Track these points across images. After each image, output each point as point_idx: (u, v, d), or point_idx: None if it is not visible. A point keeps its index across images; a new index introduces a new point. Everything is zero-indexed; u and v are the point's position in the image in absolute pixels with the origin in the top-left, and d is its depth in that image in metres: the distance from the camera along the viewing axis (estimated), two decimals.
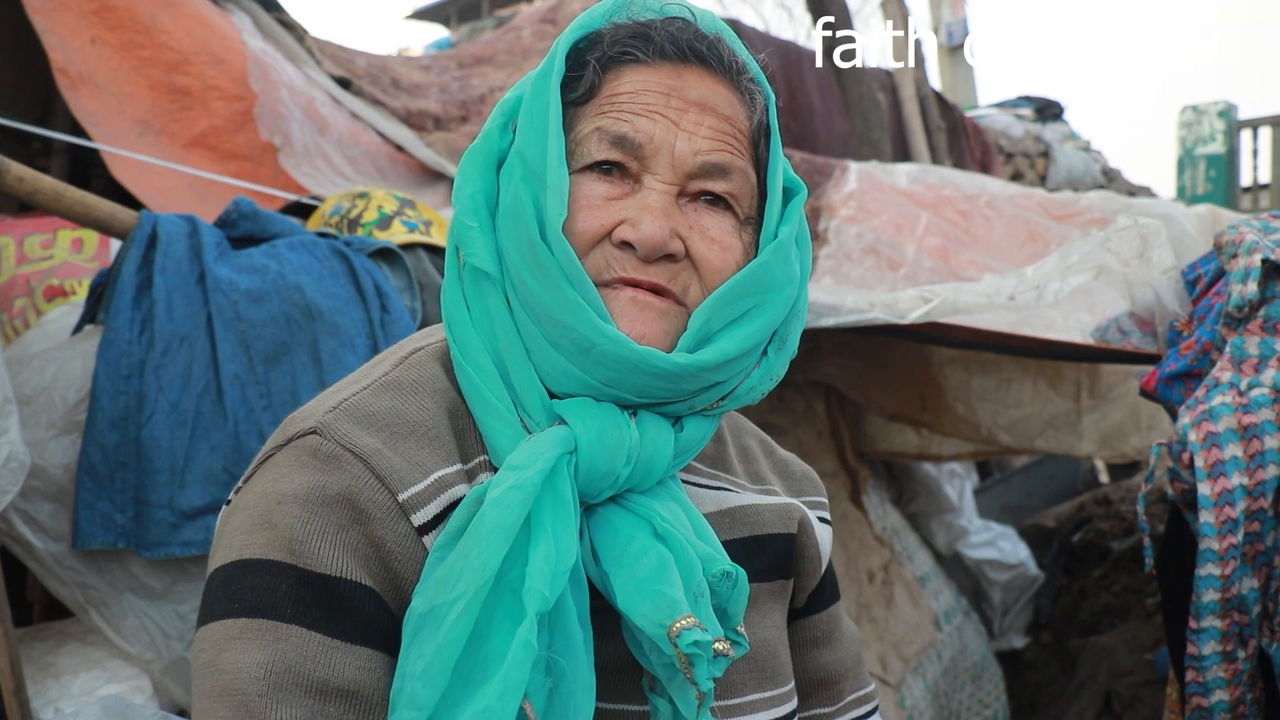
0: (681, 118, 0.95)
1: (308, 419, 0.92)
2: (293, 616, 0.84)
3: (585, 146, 0.95)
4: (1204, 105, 11.36)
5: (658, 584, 0.87)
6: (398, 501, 0.88)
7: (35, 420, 2.10)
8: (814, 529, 1.13)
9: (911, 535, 4.53)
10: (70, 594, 2.10)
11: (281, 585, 0.85)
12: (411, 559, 0.88)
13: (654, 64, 0.96)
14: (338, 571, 0.85)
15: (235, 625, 0.85)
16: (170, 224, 2.24)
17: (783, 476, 1.18)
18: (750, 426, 1.22)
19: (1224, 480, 1.97)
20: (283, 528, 0.86)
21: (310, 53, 4.04)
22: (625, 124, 0.94)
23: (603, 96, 0.96)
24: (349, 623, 0.85)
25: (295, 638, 0.83)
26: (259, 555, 0.86)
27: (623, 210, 0.94)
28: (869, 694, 1.19)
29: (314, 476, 0.87)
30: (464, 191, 0.99)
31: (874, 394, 3.93)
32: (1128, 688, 4.12)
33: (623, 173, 0.95)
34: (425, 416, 0.94)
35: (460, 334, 0.97)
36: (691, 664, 0.84)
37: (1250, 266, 2.07)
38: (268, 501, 0.88)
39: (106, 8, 3.19)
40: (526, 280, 0.92)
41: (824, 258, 3.79)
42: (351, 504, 0.87)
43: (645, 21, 0.99)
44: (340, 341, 2.20)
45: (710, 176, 0.96)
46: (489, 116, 1.02)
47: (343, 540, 0.86)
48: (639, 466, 0.94)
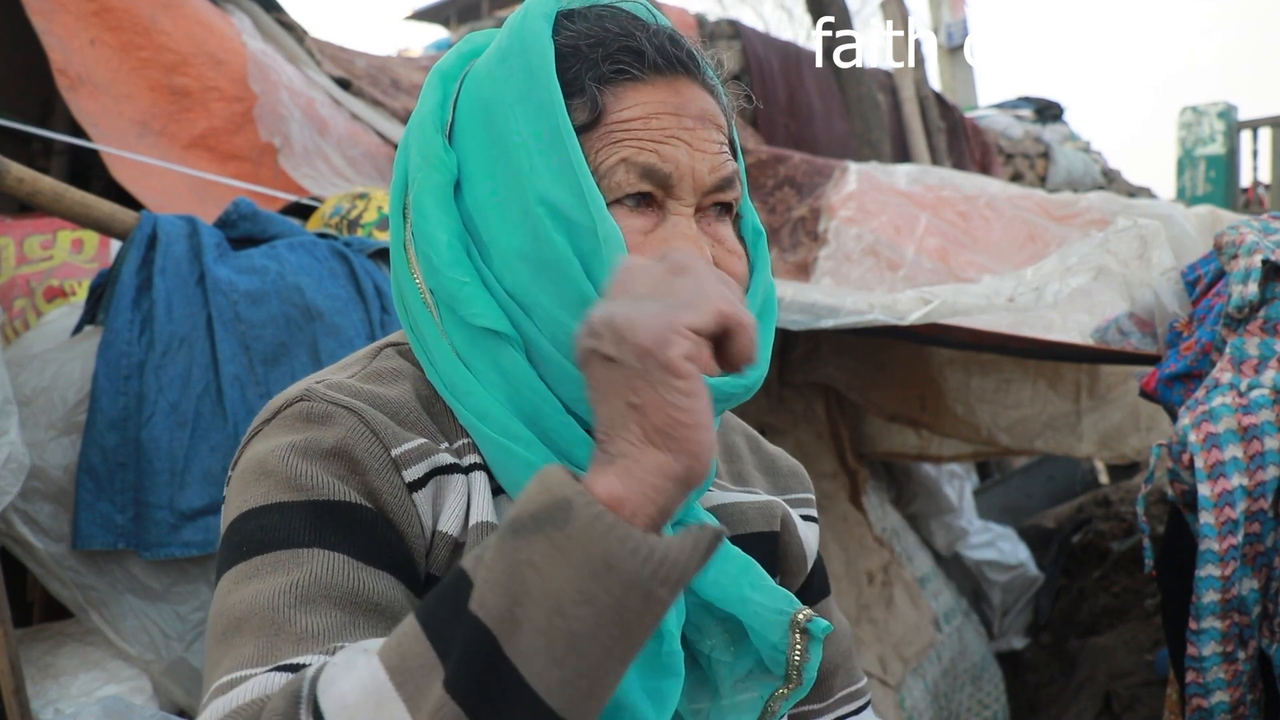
0: (693, 138, 0.93)
1: (293, 392, 0.90)
2: (312, 541, 0.81)
3: (611, 179, 0.90)
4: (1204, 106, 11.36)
5: (759, 579, 0.91)
6: (391, 456, 0.86)
7: (35, 421, 2.10)
8: (797, 527, 1.13)
9: (911, 536, 4.53)
10: (70, 595, 2.10)
11: (295, 518, 0.82)
12: (406, 514, 0.86)
13: (649, 80, 0.93)
14: (350, 498, 0.83)
15: (252, 563, 0.81)
16: (170, 225, 2.24)
17: (768, 473, 1.18)
18: (737, 422, 1.21)
19: (1224, 481, 1.97)
20: (283, 472, 0.83)
21: (310, 53, 4.05)
22: (651, 153, 0.91)
23: (611, 122, 0.91)
24: (369, 544, 0.82)
25: (319, 559, 0.80)
26: (264, 501, 0.83)
27: (660, 243, 0.91)
28: (860, 689, 1.18)
29: (308, 432, 0.85)
30: (438, 238, 0.91)
31: (873, 395, 3.93)
32: (1127, 688, 4.12)
33: (648, 202, 0.93)
34: (406, 399, 0.92)
35: (474, 403, 0.90)
36: (809, 653, 0.88)
37: (1250, 267, 2.07)
38: (262, 457, 0.85)
39: (106, 9, 3.19)
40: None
41: (823, 258, 3.79)
42: (347, 455, 0.85)
43: (621, 31, 0.94)
44: (340, 342, 2.20)
45: (721, 190, 0.95)
46: (417, 135, 0.95)
47: (345, 484, 0.84)
48: (698, 489, 0.95)
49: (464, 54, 1.00)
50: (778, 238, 3.98)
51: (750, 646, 0.90)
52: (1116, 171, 10.49)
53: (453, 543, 0.88)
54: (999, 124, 9.81)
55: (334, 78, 4.06)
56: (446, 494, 0.88)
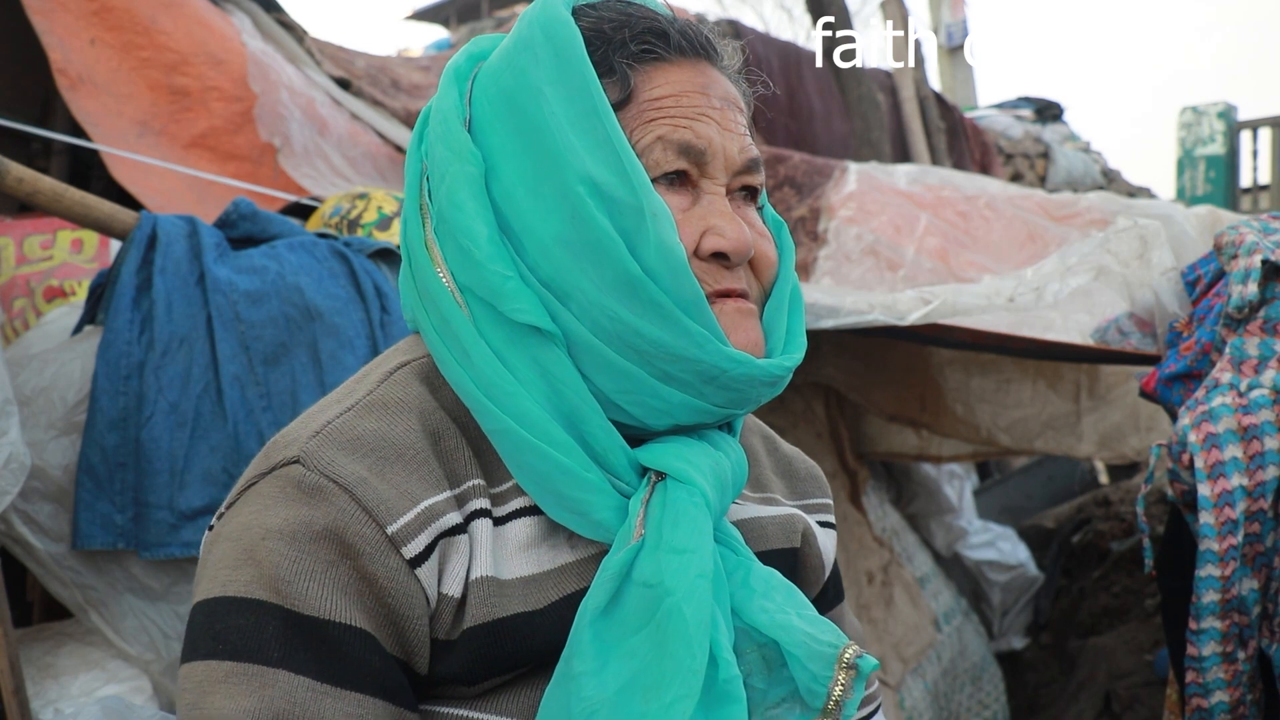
0: (722, 118, 0.93)
1: (290, 446, 0.87)
2: (279, 660, 0.80)
3: (648, 158, 0.90)
4: (1204, 106, 11.36)
5: (804, 607, 0.90)
6: (386, 534, 0.83)
7: (35, 421, 2.10)
8: (816, 538, 1.12)
9: (911, 536, 4.53)
10: (70, 594, 2.10)
11: (268, 627, 0.81)
12: (405, 593, 0.84)
13: (675, 61, 0.93)
14: (326, 613, 0.81)
15: (220, 668, 0.81)
16: (170, 225, 2.24)
17: (785, 476, 1.17)
18: (754, 423, 1.20)
19: (1224, 481, 1.97)
20: (268, 565, 0.82)
21: (310, 53, 4.04)
22: (686, 130, 0.91)
23: (643, 100, 0.91)
24: (338, 666, 0.81)
25: (283, 683, 0.80)
26: (243, 594, 0.82)
27: (700, 220, 0.91)
28: (872, 694, 1.18)
29: (298, 510, 0.83)
30: (478, 231, 0.88)
31: (873, 395, 3.93)
32: (1127, 689, 4.12)
33: (683, 181, 0.92)
34: (411, 439, 0.88)
35: (513, 406, 0.87)
36: (853, 689, 0.86)
37: (1250, 267, 2.07)
38: (251, 535, 0.84)
39: (106, 8, 3.19)
40: (624, 320, 0.86)
41: (823, 258, 3.79)
42: (339, 539, 0.82)
43: (643, 15, 0.95)
44: (340, 342, 2.20)
45: (750, 172, 0.95)
46: (441, 130, 0.93)
47: (331, 578, 0.82)
48: (735, 491, 0.95)
49: (473, 55, 0.99)
50: None
51: (786, 674, 0.89)
52: (1116, 171, 10.49)
53: (455, 603, 0.86)
54: (999, 124, 9.81)
55: (334, 78, 4.05)
56: (450, 556, 0.86)
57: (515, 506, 0.91)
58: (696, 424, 0.93)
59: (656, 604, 0.84)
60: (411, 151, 0.98)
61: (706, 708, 0.83)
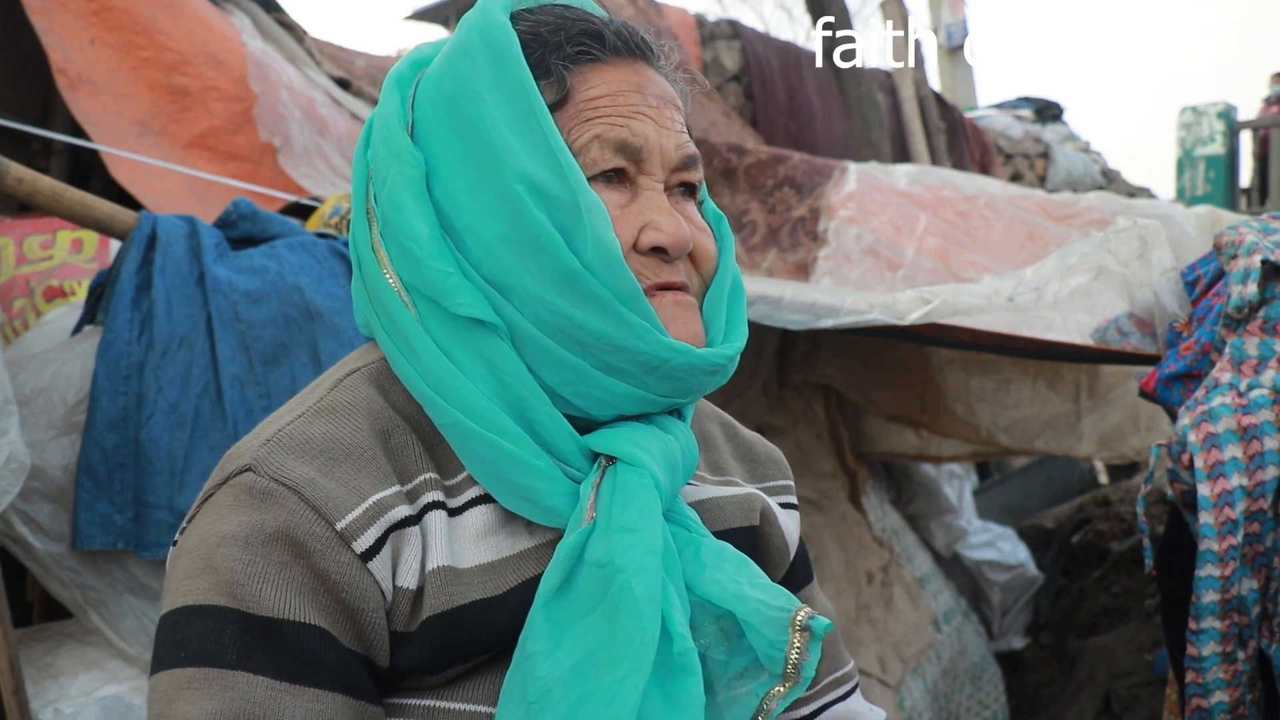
0: (658, 115, 0.96)
1: (243, 455, 0.89)
2: (238, 662, 0.82)
3: (585, 156, 0.92)
4: (1203, 106, 11.36)
5: (756, 576, 0.91)
6: (336, 530, 0.85)
7: (35, 421, 2.10)
8: (777, 518, 1.13)
9: (911, 536, 4.53)
10: (70, 594, 2.10)
11: (225, 631, 0.83)
12: (359, 587, 0.85)
13: (611, 62, 0.95)
14: (281, 612, 0.83)
15: (183, 675, 0.83)
16: (169, 225, 2.24)
17: (745, 460, 1.18)
18: (711, 409, 1.21)
19: (1224, 481, 1.97)
20: (224, 571, 0.84)
21: (310, 53, 4.05)
22: (622, 128, 0.93)
23: (580, 101, 0.93)
24: (296, 664, 0.83)
25: (242, 684, 0.82)
26: (202, 601, 0.84)
27: (638, 216, 0.94)
28: (847, 674, 1.18)
29: (251, 516, 0.85)
30: (419, 230, 0.91)
31: (873, 395, 3.93)
32: (1127, 688, 4.12)
33: (621, 178, 0.95)
34: (359, 438, 0.90)
35: (461, 399, 0.90)
36: (809, 652, 0.87)
37: (1250, 267, 2.07)
38: (208, 545, 0.86)
39: (106, 8, 3.19)
40: (565, 313, 0.89)
41: (823, 258, 3.79)
42: (290, 539, 0.84)
43: (579, 18, 0.97)
44: (340, 342, 2.20)
45: (688, 169, 0.98)
46: (383, 134, 0.95)
47: (285, 578, 0.84)
48: (686, 473, 0.97)
49: (416, 61, 1.01)
50: (777, 238, 3.98)
51: (745, 644, 0.90)
52: (1116, 171, 10.49)
53: (411, 594, 0.88)
54: (999, 124, 9.82)
55: (334, 78, 4.06)
56: (403, 549, 0.88)
57: (470, 496, 0.93)
58: (642, 414, 0.95)
59: (608, 582, 0.85)
60: (357, 158, 1.00)
61: (662, 681, 0.84)
